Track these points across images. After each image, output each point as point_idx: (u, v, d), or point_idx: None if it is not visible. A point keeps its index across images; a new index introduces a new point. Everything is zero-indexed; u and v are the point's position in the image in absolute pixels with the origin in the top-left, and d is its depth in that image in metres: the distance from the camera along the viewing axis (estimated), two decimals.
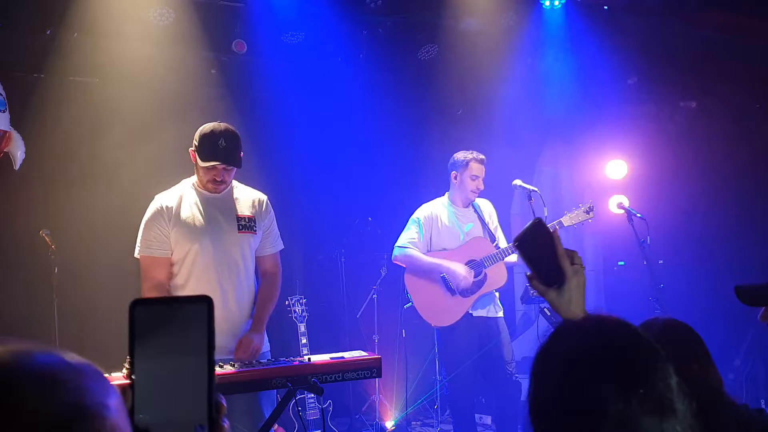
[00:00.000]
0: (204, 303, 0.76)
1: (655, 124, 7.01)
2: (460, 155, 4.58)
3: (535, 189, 4.44)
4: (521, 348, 5.77)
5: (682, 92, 6.78)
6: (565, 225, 4.49)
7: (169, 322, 0.74)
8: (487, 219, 4.60)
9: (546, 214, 4.36)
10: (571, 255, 1.48)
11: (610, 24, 5.91)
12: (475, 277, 4.48)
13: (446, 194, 4.70)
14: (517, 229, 1.54)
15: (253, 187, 3.48)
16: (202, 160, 3.17)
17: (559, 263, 1.47)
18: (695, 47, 6.11)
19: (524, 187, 4.43)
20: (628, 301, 6.30)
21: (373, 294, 5.65)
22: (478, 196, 4.62)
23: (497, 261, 4.47)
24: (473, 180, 4.51)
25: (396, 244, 4.63)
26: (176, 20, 5.09)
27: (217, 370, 2.75)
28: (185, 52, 5.30)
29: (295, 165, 5.98)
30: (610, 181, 6.71)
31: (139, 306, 0.74)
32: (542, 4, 5.82)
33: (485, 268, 4.48)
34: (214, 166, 3.16)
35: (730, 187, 6.47)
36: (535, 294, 4.14)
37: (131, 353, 0.74)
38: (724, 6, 5.89)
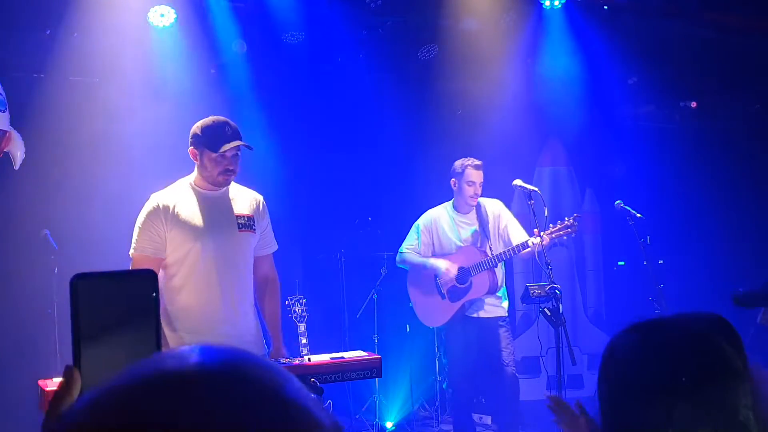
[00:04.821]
0: (149, 274, 0.75)
1: (655, 124, 7.01)
2: (457, 163, 4.73)
3: (536, 189, 4.42)
4: (521, 348, 5.77)
5: (682, 92, 6.78)
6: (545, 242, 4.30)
7: (113, 296, 0.72)
8: (490, 221, 4.69)
9: (546, 214, 4.35)
10: None
11: (610, 24, 5.90)
12: (461, 284, 4.60)
13: (452, 199, 4.84)
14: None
15: (253, 186, 3.44)
16: (214, 148, 3.05)
17: None
18: (695, 47, 6.10)
19: (524, 187, 4.40)
20: (628, 301, 6.30)
21: (373, 294, 5.65)
22: (489, 197, 4.74)
23: (484, 269, 4.56)
24: (470, 186, 4.64)
25: (399, 249, 4.88)
26: (176, 20, 5.10)
27: None
28: (185, 52, 5.29)
29: (295, 165, 5.97)
30: (610, 180, 6.70)
31: (81, 281, 0.71)
32: (542, 4, 5.81)
33: (471, 276, 4.60)
34: (228, 151, 3.05)
35: (729, 187, 6.47)
36: (536, 294, 4.11)
37: (75, 329, 0.71)
38: (724, 6, 5.88)
